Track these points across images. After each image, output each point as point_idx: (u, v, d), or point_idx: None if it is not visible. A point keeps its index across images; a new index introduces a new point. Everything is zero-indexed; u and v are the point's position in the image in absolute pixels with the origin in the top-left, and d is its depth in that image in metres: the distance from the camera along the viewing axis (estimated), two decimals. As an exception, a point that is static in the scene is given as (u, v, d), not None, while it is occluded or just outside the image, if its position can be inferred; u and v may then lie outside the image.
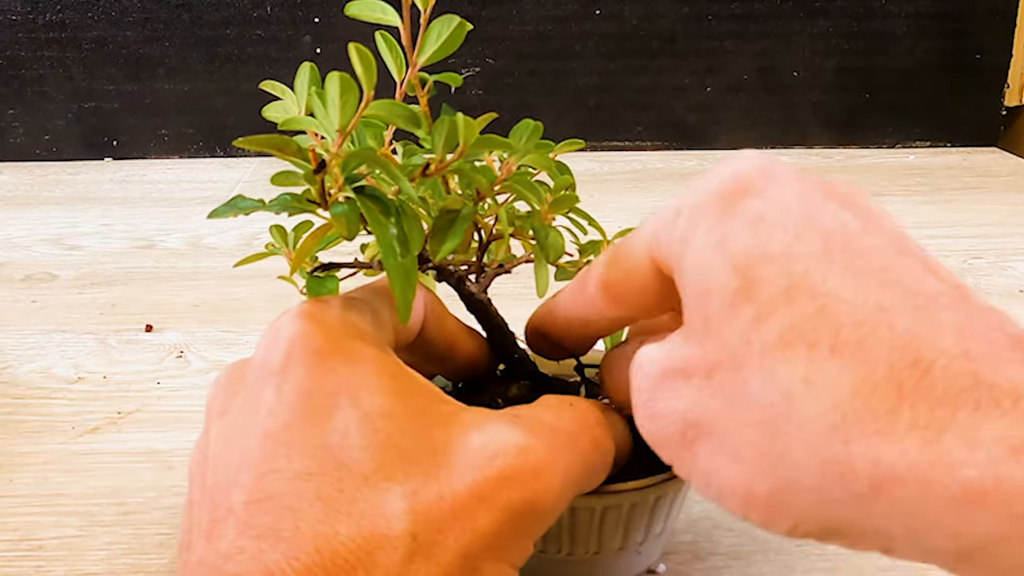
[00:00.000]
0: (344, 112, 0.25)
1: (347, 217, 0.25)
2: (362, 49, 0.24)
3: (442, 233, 0.28)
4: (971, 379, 0.18)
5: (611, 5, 1.00)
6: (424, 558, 0.23)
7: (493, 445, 0.25)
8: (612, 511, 0.32)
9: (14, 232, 0.81)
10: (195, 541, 0.24)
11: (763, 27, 1.00)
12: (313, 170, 0.25)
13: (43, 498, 0.43)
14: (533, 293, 0.31)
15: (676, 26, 1.00)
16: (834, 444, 0.19)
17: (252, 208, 0.27)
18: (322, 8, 0.98)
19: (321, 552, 0.22)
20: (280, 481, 0.23)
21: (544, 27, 1.00)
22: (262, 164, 0.99)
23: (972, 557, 0.18)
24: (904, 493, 0.18)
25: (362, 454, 0.24)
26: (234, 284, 0.68)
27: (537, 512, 0.25)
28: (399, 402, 0.25)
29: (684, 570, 0.38)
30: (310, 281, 0.29)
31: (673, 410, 0.24)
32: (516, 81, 1.02)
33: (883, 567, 0.38)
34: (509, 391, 0.34)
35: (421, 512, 0.23)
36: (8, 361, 0.57)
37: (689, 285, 0.23)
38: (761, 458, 0.21)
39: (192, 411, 0.51)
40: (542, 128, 0.31)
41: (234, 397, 0.27)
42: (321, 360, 0.25)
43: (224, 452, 0.25)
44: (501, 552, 0.24)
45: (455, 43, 0.28)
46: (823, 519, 0.21)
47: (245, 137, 0.23)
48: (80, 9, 0.98)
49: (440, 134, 0.27)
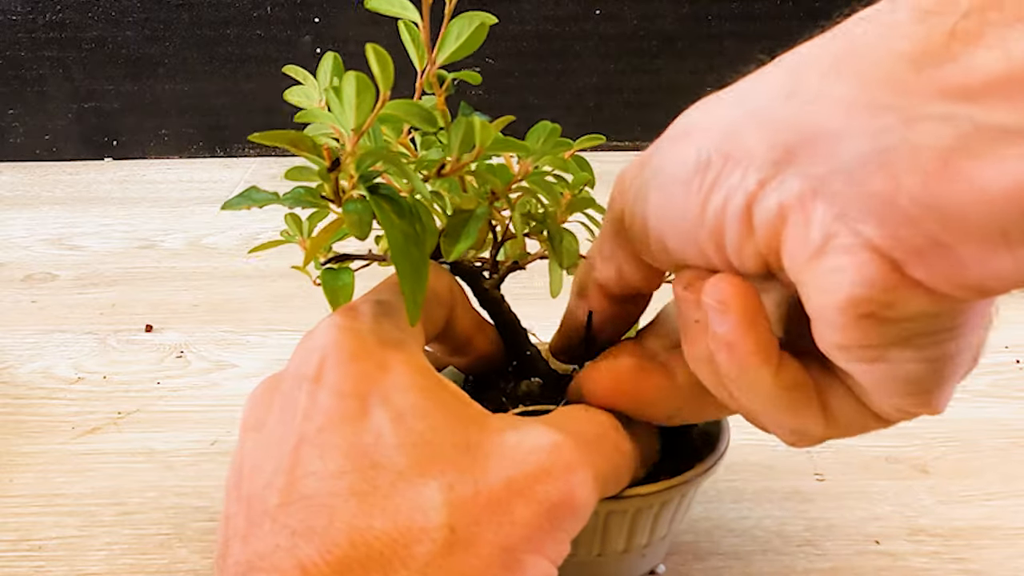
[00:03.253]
0: (360, 112, 0.25)
1: (359, 216, 0.25)
2: (379, 50, 0.24)
3: (456, 233, 0.28)
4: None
5: (611, 5, 0.99)
6: (463, 549, 0.23)
7: (527, 442, 0.25)
8: (616, 515, 0.32)
9: (14, 232, 0.81)
10: (232, 546, 0.24)
11: (763, 27, 1.00)
12: (328, 168, 0.25)
13: (43, 498, 0.43)
14: (545, 291, 0.31)
15: (676, 26, 1.00)
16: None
17: (266, 201, 0.27)
18: (322, 8, 0.98)
19: (356, 546, 0.22)
20: (315, 482, 0.24)
21: (544, 27, 1.00)
22: (263, 164, 0.99)
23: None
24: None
25: (396, 452, 0.24)
26: (234, 284, 0.68)
27: (571, 507, 0.25)
28: (431, 402, 0.25)
29: (684, 570, 0.38)
30: (324, 273, 0.29)
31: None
32: (516, 81, 1.02)
33: (882, 567, 0.38)
34: (519, 387, 0.34)
35: (458, 505, 0.23)
36: (8, 361, 0.57)
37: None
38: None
39: (192, 411, 0.51)
40: (560, 130, 0.31)
41: (268, 410, 0.27)
42: (354, 365, 0.26)
43: (260, 462, 0.25)
44: (540, 546, 0.24)
45: (476, 42, 0.28)
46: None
47: (261, 132, 0.23)
48: (80, 9, 0.98)
49: (457, 135, 0.27)
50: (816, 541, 0.40)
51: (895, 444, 0.47)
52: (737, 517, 0.41)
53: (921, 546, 0.39)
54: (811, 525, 0.41)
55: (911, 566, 0.38)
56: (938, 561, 0.38)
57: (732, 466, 0.45)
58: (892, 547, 0.39)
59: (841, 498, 0.42)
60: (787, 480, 0.44)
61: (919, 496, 0.43)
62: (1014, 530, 0.40)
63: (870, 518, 0.41)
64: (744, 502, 0.42)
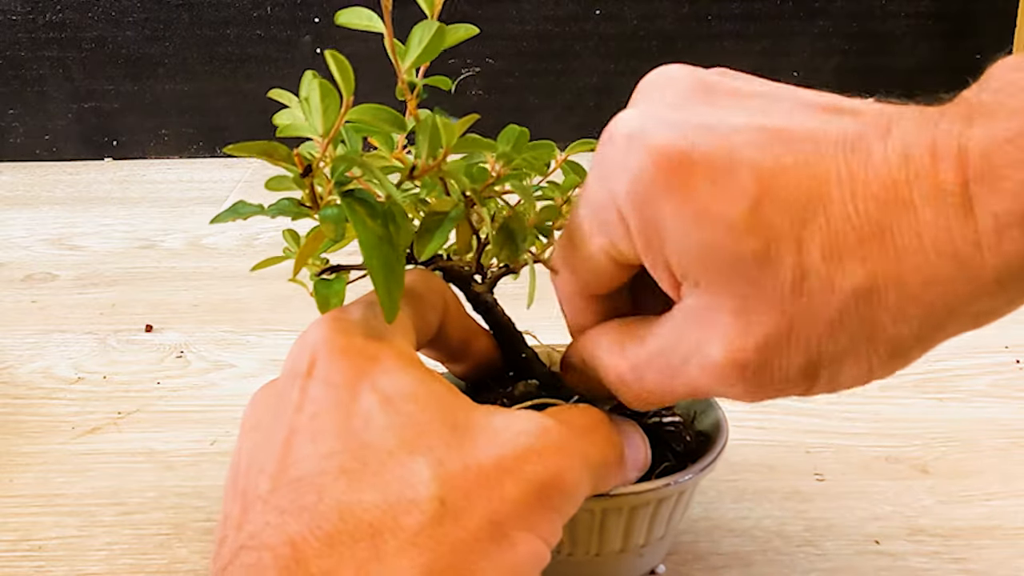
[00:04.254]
0: (326, 117, 0.26)
1: (333, 219, 0.26)
2: (338, 56, 0.25)
3: (428, 234, 0.29)
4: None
5: (611, 5, 0.99)
6: (453, 521, 0.23)
7: (515, 425, 0.26)
8: (612, 513, 0.32)
9: (14, 232, 0.81)
10: (227, 537, 0.24)
11: (763, 27, 1.00)
12: (300, 174, 0.25)
13: (43, 498, 0.43)
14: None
15: (676, 26, 1.00)
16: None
17: (252, 213, 0.28)
18: (322, 8, 0.98)
19: (345, 519, 0.23)
20: (305, 464, 0.24)
21: (544, 27, 1.00)
22: (263, 165, 0.99)
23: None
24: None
25: (385, 432, 0.24)
26: (234, 284, 0.68)
27: (561, 487, 0.25)
28: (420, 387, 0.26)
29: (684, 570, 0.38)
30: (318, 283, 0.29)
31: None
32: (516, 81, 1.02)
33: (882, 567, 0.38)
34: (516, 389, 0.34)
35: (447, 479, 0.24)
36: (8, 361, 0.57)
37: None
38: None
39: (192, 411, 0.51)
40: (528, 133, 0.31)
41: (265, 410, 0.27)
42: (344, 358, 0.26)
43: (255, 457, 0.26)
44: (530, 523, 0.25)
45: (437, 48, 0.28)
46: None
47: (235, 144, 0.24)
48: (80, 9, 0.98)
49: (424, 137, 0.27)
50: (816, 541, 0.40)
51: (895, 444, 0.47)
52: (737, 517, 0.41)
53: (921, 546, 0.39)
54: (811, 525, 0.41)
55: (911, 566, 0.38)
56: (938, 561, 0.38)
57: (732, 466, 0.45)
58: (892, 547, 0.39)
59: (841, 498, 0.42)
60: (787, 480, 0.44)
61: (919, 496, 0.43)
62: (1014, 530, 0.40)
63: (870, 518, 0.41)
64: (744, 502, 0.42)
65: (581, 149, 0.33)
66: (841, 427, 0.48)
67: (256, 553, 0.23)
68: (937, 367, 0.54)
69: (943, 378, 0.53)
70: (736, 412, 0.36)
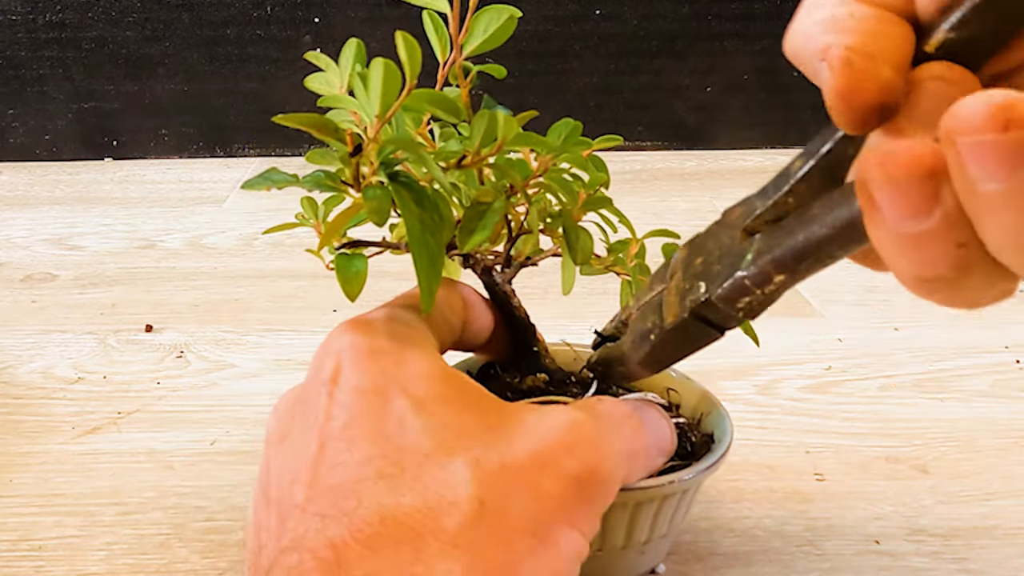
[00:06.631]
0: (385, 98, 0.25)
1: (379, 202, 0.25)
2: (408, 37, 0.24)
3: (472, 224, 0.28)
4: None
5: (611, 5, 0.99)
6: (494, 520, 0.23)
7: (548, 420, 0.26)
8: (616, 509, 0.32)
9: (14, 232, 0.81)
10: (266, 545, 0.25)
11: (763, 27, 1.00)
12: (349, 153, 0.25)
13: (43, 498, 0.43)
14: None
15: (676, 26, 1.00)
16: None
17: (285, 182, 0.27)
18: (322, 8, 0.98)
19: (386, 523, 0.23)
20: (342, 471, 0.24)
21: (544, 27, 1.00)
22: (263, 164, 0.99)
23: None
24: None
25: (420, 436, 0.24)
26: (234, 284, 0.68)
27: (597, 480, 0.25)
28: (449, 389, 0.26)
29: (684, 570, 0.38)
30: (338, 258, 0.29)
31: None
32: (516, 81, 1.02)
33: (882, 567, 0.38)
34: (524, 382, 0.34)
35: (486, 479, 0.24)
36: (8, 361, 0.57)
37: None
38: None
39: (192, 411, 0.51)
40: (581, 127, 0.31)
41: (291, 420, 0.27)
42: (370, 362, 0.26)
43: (285, 468, 0.26)
44: (570, 518, 0.25)
45: (504, 35, 0.27)
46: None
47: (285, 114, 0.23)
48: (80, 9, 0.98)
49: (480, 127, 0.27)
50: (816, 541, 0.40)
51: (895, 444, 0.47)
52: (737, 517, 0.41)
53: (921, 546, 0.39)
54: (811, 525, 0.41)
55: (911, 566, 0.38)
56: (938, 561, 0.38)
57: (732, 466, 0.45)
58: (892, 547, 0.39)
59: (841, 498, 0.42)
60: (787, 480, 0.44)
61: (919, 496, 0.43)
62: (1014, 530, 0.40)
63: (870, 518, 0.41)
64: (744, 502, 0.42)
65: (605, 145, 0.33)
66: (841, 427, 0.48)
67: (297, 555, 0.23)
68: (937, 367, 0.54)
69: (943, 378, 0.53)
70: (736, 412, 0.36)
